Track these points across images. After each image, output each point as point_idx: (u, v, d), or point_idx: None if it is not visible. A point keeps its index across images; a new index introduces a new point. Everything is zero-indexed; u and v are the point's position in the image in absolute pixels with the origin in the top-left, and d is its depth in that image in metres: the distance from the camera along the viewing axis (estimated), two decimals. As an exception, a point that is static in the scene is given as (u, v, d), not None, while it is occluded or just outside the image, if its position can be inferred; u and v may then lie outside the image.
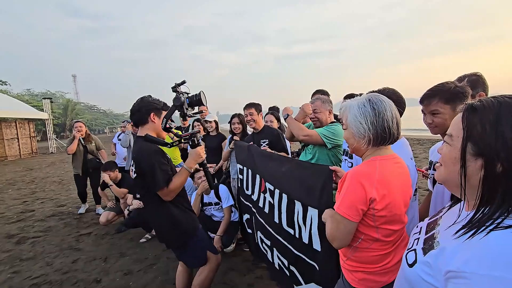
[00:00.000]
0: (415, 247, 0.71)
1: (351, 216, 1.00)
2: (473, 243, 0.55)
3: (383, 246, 1.07)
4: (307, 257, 1.68)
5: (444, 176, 0.67)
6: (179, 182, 1.80)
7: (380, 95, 1.08)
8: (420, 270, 0.63)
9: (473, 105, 0.60)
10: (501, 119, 0.54)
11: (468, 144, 0.58)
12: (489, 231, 0.53)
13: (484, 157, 0.56)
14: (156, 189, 1.74)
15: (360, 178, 1.01)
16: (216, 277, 2.68)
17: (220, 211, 3.21)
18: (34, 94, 41.59)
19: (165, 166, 1.78)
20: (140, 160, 1.76)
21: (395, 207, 1.03)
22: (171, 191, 1.77)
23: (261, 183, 2.35)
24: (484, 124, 0.56)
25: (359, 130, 1.06)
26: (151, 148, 1.79)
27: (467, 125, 0.59)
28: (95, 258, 3.20)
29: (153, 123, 1.86)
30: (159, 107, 1.88)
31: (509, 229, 0.52)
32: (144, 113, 1.84)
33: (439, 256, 0.60)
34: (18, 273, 2.97)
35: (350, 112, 1.09)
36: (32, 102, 26.93)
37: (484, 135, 0.56)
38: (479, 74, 1.82)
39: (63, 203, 5.62)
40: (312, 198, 1.61)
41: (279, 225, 1.97)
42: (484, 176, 0.56)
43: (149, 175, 1.73)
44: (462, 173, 0.60)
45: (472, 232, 0.55)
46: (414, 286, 0.66)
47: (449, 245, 0.60)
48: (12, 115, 14.38)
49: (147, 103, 1.86)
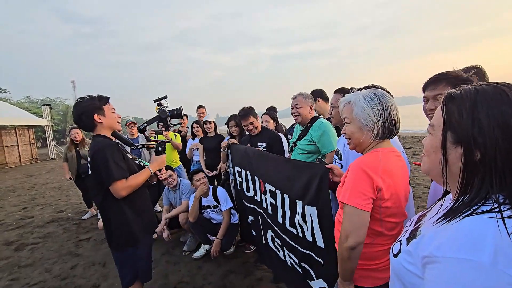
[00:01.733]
0: (401, 238, 0.71)
1: (363, 205, 0.98)
2: (447, 228, 0.55)
3: (386, 241, 1.05)
4: (314, 254, 1.69)
5: (428, 166, 0.67)
6: (137, 180, 1.76)
7: (382, 90, 1.10)
8: (403, 259, 0.64)
9: (452, 93, 0.60)
10: (477, 106, 0.54)
11: (448, 132, 0.58)
12: (464, 216, 0.53)
13: (463, 144, 0.56)
14: (108, 183, 1.65)
15: (364, 167, 1.01)
16: (216, 279, 2.67)
17: (219, 214, 3.18)
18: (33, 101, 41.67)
19: (120, 161, 1.70)
20: (94, 154, 1.68)
21: (398, 199, 1.03)
22: (125, 187, 1.68)
23: (260, 185, 2.34)
24: (462, 112, 0.56)
25: (368, 122, 1.06)
26: (106, 142, 1.73)
27: (446, 113, 0.59)
28: (94, 263, 3.17)
29: (101, 123, 1.77)
30: (97, 105, 1.76)
31: (483, 214, 0.52)
32: (87, 118, 1.74)
33: (418, 244, 0.60)
34: (16, 280, 2.94)
35: (357, 105, 1.08)
36: (32, 109, 26.99)
37: (462, 122, 0.56)
38: (479, 66, 1.81)
39: (62, 209, 5.60)
40: (310, 196, 1.61)
41: (283, 225, 1.98)
42: (463, 164, 0.56)
43: (102, 168, 1.65)
44: (443, 162, 0.60)
45: (449, 219, 0.56)
46: (399, 276, 0.66)
47: (427, 232, 0.60)
48: (11, 122, 14.40)
49: (84, 108, 1.73)
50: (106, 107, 1.79)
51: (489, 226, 0.49)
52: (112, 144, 1.73)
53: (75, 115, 1.75)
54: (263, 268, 2.78)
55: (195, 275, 2.77)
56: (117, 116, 1.89)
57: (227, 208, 3.08)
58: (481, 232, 0.49)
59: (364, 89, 1.20)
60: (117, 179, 1.65)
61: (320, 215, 1.56)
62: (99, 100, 1.77)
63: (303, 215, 1.69)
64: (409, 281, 0.61)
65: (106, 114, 1.79)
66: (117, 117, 1.90)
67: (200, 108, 4.83)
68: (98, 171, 1.67)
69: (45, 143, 17.74)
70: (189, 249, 3.27)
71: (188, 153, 4.28)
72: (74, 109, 1.75)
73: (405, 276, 0.63)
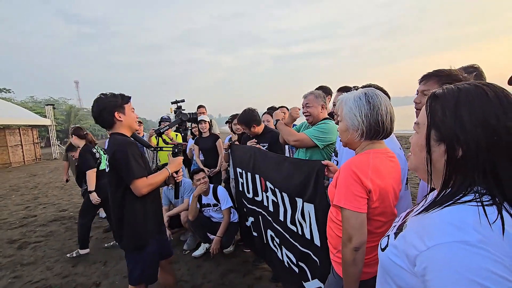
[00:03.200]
0: (389, 233, 0.72)
1: (359, 208, 1.00)
2: (428, 217, 0.57)
3: (373, 238, 1.07)
4: (312, 252, 1.70)
5: (414, 164, 0.69)
6: (157, 179, 1.77)
7: (376, 90, 1.10)
8: (390, 252, 0.65)
9: (436, 93, 0.62)
10: (459, 105, 0.56)
11: (432, 130, 0.60)
12: (444, 206, 0.56)
13: (445, 141, 0.58)
14: (129, 180, 1.65)
15: (355, 169, 1.02)
16: (216, 278, 2.68)
17: (218, 213, 3.20)
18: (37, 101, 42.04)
19: (139, 159, 1.71)
20: (115, 151, 1.67)
21: (387, 198, 1.04)
22: (147, 185, 1.69)
23: (261, 182, 2.35)
24: (445, 110, 0.58)
25: (353, 122, 1.07)
26: (126, 140, 1.73)
27: (430, 112, 0.61)
28: (95, 262, 3.20)
29: (120, 121, 1.76)
30: (119, 103, 1.76)
31: (463, 204, 0.54)
32: (108, 115, 1.73)
33: (403, 237, 0.63)
34: (19, 277, 2.98)
35: (346, 105, 1.10)
36: (36, 109, 27.20)
37: (445, 120, 0.58)
38: (476, 66, 1.81)
39: (64, 208, 5.65)
40: (307, 193, 1.63)
41: (284, 223, 1.99)
42: (446, 160, 0.58)
43: (123, 166, 1.64)
44: (427, 159, 0.62)
45: (430, 209, 0.58)
46: (386, 269, 0.67)
47: (410, 223, 0.63)
48: (15, 122, 14.55)
49: (106, 104, 1.72)
50: (127, 106, 1.80)
51: (469, 212, 0.52)
52: (133, 142, 1.74)
53: (95, 110, 1.73)
54: (262, 267, 2.79)
55: (194, 273, 2.78)
56: (135, 116, 1.90)
57: (227, 207, 3.10)
58: (462, 217, 0.52)
59: (362, 88, 1.20)
60: (138, 177, 1.65)
61: (317, 212, 1.57)
62: (121, 98, 1.78)
63: (302, 212, 1.71)
64: (395, 273, 0.63)
65: (127, 113, 1.79)
66: (136, 117, 1.90)
67: (200, 108, 4.85)
68: (118, 169, 1.66)
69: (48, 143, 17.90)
70: (189, 248, 3.30)
71: (188, 153, 4.31)
72: (95, 104, 1.74)
73: (392, 269, 0.64)
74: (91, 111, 1.78)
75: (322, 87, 3.09)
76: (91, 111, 1.78)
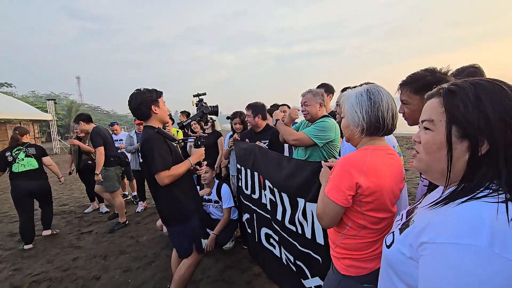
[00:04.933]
0: (394, 230, 0.72)
1: (338, 200, 1.03)
2: (444, 213, 0.56)
3: (370, 234, 1.08)
4: (313, 251, 1.70)
5: (426, 163, 0.65)
6: (179, 170, 1.93)
7: (379, 86, 1.09)
8: (396, 249, 0.64)
9: (450, 88, 0.60)
10: (481, 99, 0.55)
11: (453, 126, 0.58)
12: (461, 202, 0.54)
13: (469, 137, 0.56)
14: (152, 172, 1.84)
15: (348, 164, 1.04)
16: (214, 274, 2.70)
17: (219, 210, 3.21)
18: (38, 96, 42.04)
19: (164, 153, 1.87)
20: (143, 144, 1.87)
21: (383, 196, 1.04)
22: (168, 176, 1.85)
23: (260, 180, 2.35)
24: (466, 105, 0.56)
25: (354, 119, 1.08)
26: (153, 134, 1.88)
27: (448, 108, 0.59)
28: (95, 256, 3.22)
29: (156, 114, 1.95)
30: (154, 97, 1.94)
31: (479, 199, 0.53)
32: (145, 108, 1.92)
33: (411, 232, 0.61)
34: (19, 270, 3.00)
35: (348, 101, 1.11)
36: (37, 104, 27.22)
37: (467, 115, 0.56)
38: (477, 66, 1.81)
39: (65, 202, 5.68)
40: (310, 193, 1.62)
41: (282, 222, 1.99)
42: (470, 157, 0.56)
43: (148, 158, 1.84)
44: (449, 157, 0.59)
45: (446, 202, 0.56)
46: (392, 266, 0.66)
47: (421, 218, 0.61)
48: (16, 116, 14.56)
49: (144, 99, 1.91)
50: (160, 99, 1.98)
51: (486, 210, 0.51)
52: (158, 137, 1.89)
53: (133, 104, 1.91)
54: (261, 263, 2.81)
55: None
56: (167, 109, 2.07)
57: (228, 206, 3.09)
58: (478, 216, 0.50)
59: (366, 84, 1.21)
60: (160, 170, 1.83)
61: None
62: (155, 93, 1.96)
63: (304, 212, 1.70)
64: (403, 270, 0.62)
65: (161, 106, 1.98)
66: (167, 110, 2.08)
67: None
68: (146, 160, 1.87)
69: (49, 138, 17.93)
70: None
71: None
72: (133, 99, 1.91)
73: (399, 265, 0.63)
74: (128, 105, 1.95)
75: (324, 84, 3.08)
76: (128, 104, 1.94)
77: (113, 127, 5.58)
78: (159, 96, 1.97)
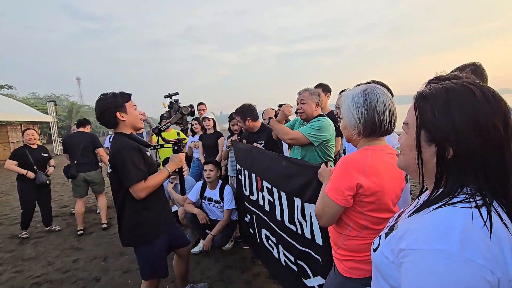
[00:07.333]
0: (381, 233, 0.73)
1: (338, 200, 1.04)
2: (419, 220, 0.57)
3: (372, 235, 1.07)
4: (313, 251, 1.70)
5: (404, 163, 0.69)
6: (156, 180, 1.76)
7: (376, 87, 1.09)
8: (381, 253, 0.66)
9: (423, 92, 0.62)
10: (449, 104, 0.56)
11: (422, 130, 0.60)
12: (435, 208, 0.55)
13: (436, 142, 0.58)
14: (127, 185, 1.65)
15: (349, 165, 1.05)
16: (214, 274, 2.71)
17: (219, 209, 3.21)
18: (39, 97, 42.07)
19: (139, 163, 1.69)
20: (115, 154, 1.69)
21: (384, 196, 1.05)
22: (144, 188, 1.68)
23: (257, 182, 2.35)
24: (434, 111, 0.58)
25: (350, 121, 1.09)
26: (126, 143, 1.71)
27: (419, 112, 0.61)
28: (96, 257, 3.24)
29: (123, 121, 1.76)
30: (119, 103, 1.74)
31: (454, 205, 0.54)
32: (109, 116, 1.73)
33: (393, 237, 0.63)
34: (20, 272, 3.02)
35: (345, 103, 1.11)
36: (38, 105, 27.23)
37: (435, 121, 0.57)
38: (478, 64, 1.81)
39: (66, 204, 5.70)
40: (309, 194, 1.62)
41: (281, 222, 1.99)
42: (438, 160, 0.58)
43: (121, 170, 1.65)
44: (418, 159, 0.62)
45: (421, 210, 0.58)
46: (379, 269, 0.67)
47: (402, 225, 0.63)
48: (17, 118, 14.57)
49: (107, 105, 1.72)
50: (128, 104, 1.78)
51: (458, 215, 0.52)
52: (132, 145, 1.71)
53: (97, 111, 1.73)
54: (260, 264, 2.81)
55: (193, 269, 2.80)
56: (139, 113, 1.86)
57: (229, 208, 3.08)
58: (450, 221, 0.52)
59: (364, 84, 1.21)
60: (135, 182, 1.64)
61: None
62: (121, 97, 1.76)
63: (303, 212, 1.70)
64: (388, 273, 0.63)
65: (128, 112, 1.77)
66: (139, 114, 1.87)
67: (200, 105, 4.84)
68: (117, 172, 1.67)
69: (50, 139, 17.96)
70: (188, 245, 3.32)
71: (188, 151, 4.32)
72: (96, 106, 1.74)
73: (385, 269, 0.64)
74: (95, 112, 1.77)
75: (321, 84, 3.09)
76: (95, 112, 1.77)
77: None
78: (126, 101, 1.77)
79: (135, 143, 1.75)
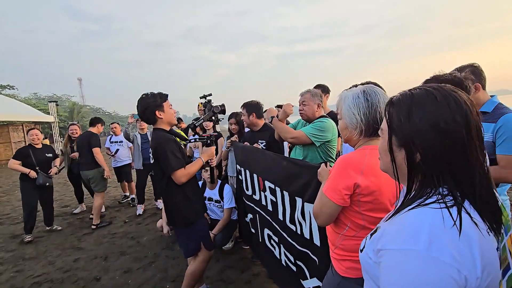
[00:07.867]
0: (368, 234, 0.73)
1: (335, 199, 1.04)
2: (394, 222, 0.59)
3: None
4: (311, 252, 1.71)
5: (384, 167, 0.72)
6: (194, 168, 2.01)
7: (375, 87, 1.10)
8: (366, 253, 0.67)
9: (392, 99, 0.64)
10: (412, 110, 0.58)
11: (392, 136, 0.63)
12: (408, 210, 0.57)
13: (404, 146, 0.60)
14: (169, 172, 1.90)
15: (347, 164, 1.05)
16: (214, 274, 2.71)
17: (219, 209, 3.22)
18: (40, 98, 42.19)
19: (177, 153, 1.93)
20: (156, 147, 1.94)
21: (381, 196, 1.04)
22: (185, 174, 1.93)
23: (259, 182, 2.36)
24: (400, 116, 0.60)
25: (352, 121, 1.09)
26: (165, 137, 1.95)
27: (388, 118, 0.63)
28: (96, 257, 3.25)
29: (161, 119, 2.00)
30: (158, 103, 1.97)
31: (426, 206, 0.55)
32: (150, 114, 1.97)
33: (376, 237, 0.64)
34: (20, 272, 3.03)
35: (345, 103, 1.11)
36: (39, 105, 27.28)
37: (401, 126, 0.60)
38: (476, 65, 1.81)
39: (67, 204, 5.71)
40: (309, 194, 1.63)
41: (283, 222, 2.00)
42: (407, 164, 0.60)
43: (163, 160, 1.90)
44: (392, 163, 0.64)
45: (397, 213, 0.60)
46: (366, 269, 0.68)
47: (382, 226, 0.65)
48: (19, 118, 14.61)
49: (148, 104, 1.96)
50: (165, 104, 2.01)
51: (427, 216, 0.54)
52: (170, 138, 1.97)
53: (139, 109, 1.98)
54: (260, 263, 2.81)
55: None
56: (173, 112, 2.10)
57: (230, 207, 3.09)
58: (419, 222, 0.54)
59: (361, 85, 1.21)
60: (177, 169, 1.90)
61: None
62: (160, 97, 1.99)
63: (303, 212, 1.71)
64: (373, 273, 0.65)
65: (165, 110, 2.01)
66: (173, 112, 2.11)
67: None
68: (160, 162, 1.92)
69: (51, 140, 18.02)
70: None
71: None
72: (139, 104, 1.98)
73: (370, 269, 0.66)
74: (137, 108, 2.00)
75: (320, 85, 3.09)
76: (137, 108, 2.00)
77: (113, 125, 5.62)
78: (163, 101, 2.00)
79: (172, 136, 2.01)
